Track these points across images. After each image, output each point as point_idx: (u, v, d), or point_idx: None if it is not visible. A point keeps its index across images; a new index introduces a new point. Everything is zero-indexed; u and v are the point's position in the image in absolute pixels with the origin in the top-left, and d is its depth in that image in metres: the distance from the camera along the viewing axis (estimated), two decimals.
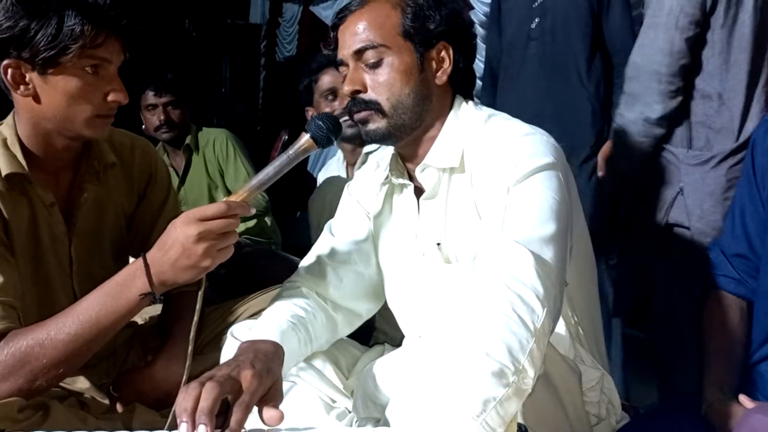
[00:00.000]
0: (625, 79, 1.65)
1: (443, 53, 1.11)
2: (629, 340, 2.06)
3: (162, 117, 2.44)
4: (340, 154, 2.22)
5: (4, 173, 1.10)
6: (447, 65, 1.11)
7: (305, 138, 1.05)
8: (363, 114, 1.09)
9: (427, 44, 1.09)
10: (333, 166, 2.26)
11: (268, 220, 2.60)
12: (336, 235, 1.25)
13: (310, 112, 2.07)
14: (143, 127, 2.55)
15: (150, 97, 2.45)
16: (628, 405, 1.28)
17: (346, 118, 2.02)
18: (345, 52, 1.10)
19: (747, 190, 1.18)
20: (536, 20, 2.11)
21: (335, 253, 1.22)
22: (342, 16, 1.12)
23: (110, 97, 1.12)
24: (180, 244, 0.96)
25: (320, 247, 1.25)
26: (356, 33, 1.08)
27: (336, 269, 1.20)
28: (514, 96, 2.16)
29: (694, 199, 1.59)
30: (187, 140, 2.55)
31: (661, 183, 1.68)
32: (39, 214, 1.15)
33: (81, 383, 1.21)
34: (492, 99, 2.30)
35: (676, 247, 1.64)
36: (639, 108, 1.59)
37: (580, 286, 1.12)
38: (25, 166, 1.11)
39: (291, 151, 1.04)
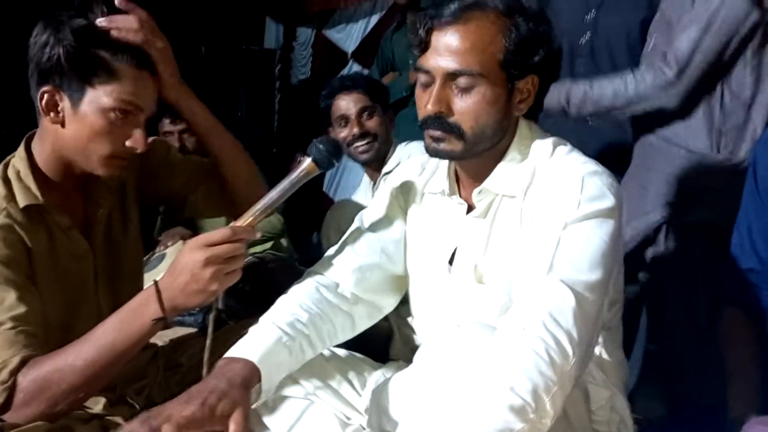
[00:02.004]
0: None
1: (530, 85, 1.07)
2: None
3: (177, 144, 2.49)
4: (365, 179, 2.25)
5: (21, 205, 1.13)
6: (531, 97, 1.08)
7: (307, 162, 1.08)
8: (439, 133, 1.05)
9: (520, 76, 1.04)
10: (360, 191, 2.29)
11: (284, 241, 2.62)
12: (368, 227, 1.23)
13: (332, 134, 2.12)
14: None
15: (166, 124, 2.51)
16: (641, 418, 1.29)
17: (360, 144, 2.02)
18: (436, 66, 1.04)
19: (752, 205, 1.20)
20: (587, 35, 2.01)
21: (364, 246, 1.20)
22: (443, 21, 1.04)
23: (128, 143, 1.14)
24: (189, 270, 1.01)
25: (350, 238, 1.23)
26: (455, 51, 1.02)
27: (362, 263, 1.18)
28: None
29: None
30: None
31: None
32: (57, 238, 1.18)
33: (103, 405, 1.24)
34: None
35: (683, 259, 1.63)
36: (670, 92, 1.60)
37: (610, 340, 1.14)
38: (40, 197, 1.15)
39: (294, 175, 1.07)
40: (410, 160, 1.30)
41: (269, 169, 4.29)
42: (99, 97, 1.10)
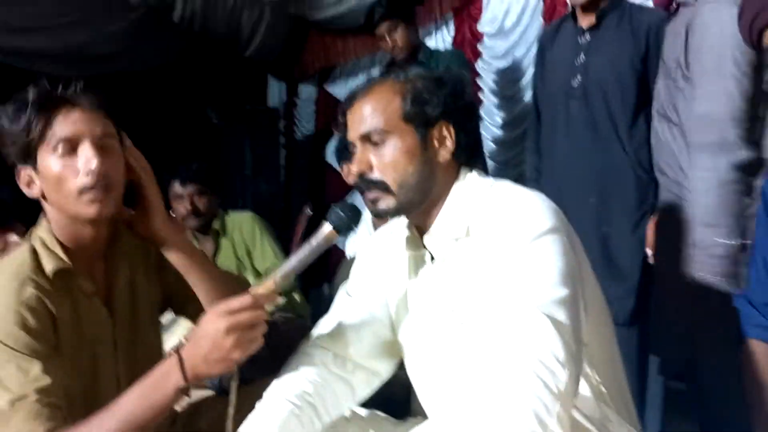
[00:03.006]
0: (689, 132, 1.58)
1: (444, 132, 1.16)
2: (668, 391, 2.02)
3: (188, 206, 2.53)
4: (369, 224, 2.29)
5: (49, 270, 1.16)
6: (449, 143, 1.16)
7: (327, 228, 1.10)
8: (372, 194, 1.15)
9: (427, 125, 1.15)
10: (362, 235, 2.33)
11: (296, 295, 2.63)
12: (353, 295, 1.30)
13: (345, 169, 2.21)
14: (170, 214, 2.63)
15: (177, 187, 2.55)
16: None
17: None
18: (352, 134, 1.18)
19: (766, 240, 1.20)
20: (578, 78, 2.11)
21: (353, 314, 1.26)
22: (350, 102, 1.20)
23: (84, 168, 1.14)
24: (210, 338, 1.02)
25: (338, 308, 1.29)
26: (362, 118, 1.16)
27: (355, 328, 1.24)
28: (556, 151, 2.18)
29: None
30: (215, 225, 2.63)
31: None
32: (81, 305, 1.21)
33: None
34: (537, 142, 2.31)
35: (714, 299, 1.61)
36: (725, 157, 1.52)
37: (599, 345, 1.13)
38: (67, 260, 1.18)
39: (314, 241, 1.09)
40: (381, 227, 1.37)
41: (279, 224, 4.34)
42: (44, 150, 1.14)
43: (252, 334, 1.03)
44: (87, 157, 1.14)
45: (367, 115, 1.15)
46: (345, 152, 2.19)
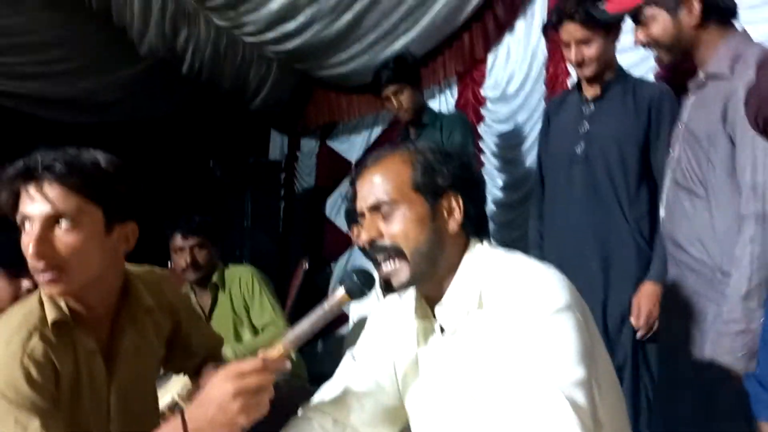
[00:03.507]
0: (742, 202, 1.53)
1: (453, 203, 1.18)
2: None
3: (188, 259, 2.52)
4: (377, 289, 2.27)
5: (50, 320, 1.16)
6: (457, 214, 1.17)
7: (340, 292, 1.10)
8: (385, 272, 1.14)
9: (436, 195, 1.17)
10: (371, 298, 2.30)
11: (293, 355, 2.59)
12: (358, 361, 1.29)
13: (356, 231, 2.22)
14: (170, 266, 2.62)
15: (178, 240, 2.55)
16: None
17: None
18: (362, 204, 1.19)
19: None
20: (581, 145, 2.14)
21: (357, 379, 1.25)
22: (359, 172, 1.22)
23: (24, 248, 1.15)
24: (217, 402, 1.00)
25: (342, 373, 1.28)
26: (371, 188, 1.17)
27: (357, 394, 1.23)
28: (559, 217, 2.20)
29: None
30: (214, 278, 2.61)
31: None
32: (81, 361, 1.20)
33: None
34: (541, 207, 2.33)
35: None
36: None
37: (611, 420, 1.11)
38: (68, 313, 1.18)
39: (326, 305, 1.09)
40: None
41: (276, 276, 4.32)
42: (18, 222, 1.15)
43: (259, 399, 1.01)
44: (25, 241, 1.14)
45: (377, 184, 1.17)
46: (355, 215, 2.20)
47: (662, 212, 1.79)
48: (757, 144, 1.49)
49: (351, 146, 4.83)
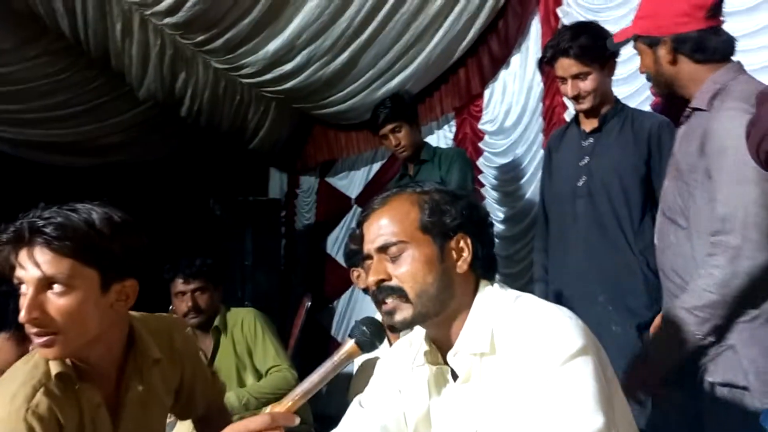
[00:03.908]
0: (704, 233, 1.57)
1: (462, 243, 1.17)
2: None
3: (190, 303, 2.49)
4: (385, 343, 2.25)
5: (54, 374, 1.15)
6: (467, 254, 1.16)
7: (350, 344, 1.08)
8: (389, 304, 1.13)
9: (445, 236, 1.16)
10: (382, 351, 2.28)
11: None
12: (366, 409, 1.26)
13: (356, 273, 2.18)
14: (171, 309, 2.59)
15: (179, 284, 2.52)
16: None
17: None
18: (369, 246, 1.18)
19: None
20: (583, 179, 2.14)
21: (364, 426, 1.23)
22: (366, 213, 1.21)
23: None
24: None
25: (349, 421, 1.25)
26: (379, 229, 1.16)
27: None
28: (564, 251, 2.18)
29: (747, 356, 1.54)
30: (216, 322, 2.58)
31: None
32: (86, 414, 1.18)
33: None
34: (545, 241, 2.31)
35: (730, 409, 1.56)
36: (744, 261, 1.50)
37: None
38: (72, 366, 1.17)
39: (336, 358, 1.07)
40: (400, 339, 1.35)
41: (278, 315, 4.29)
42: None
43: None
44: (21, 304, 1.13)
45: (384, 226, 1.16)
46: (355, 257, 2.18)
47: (656, 243, 1.80)
48: (727, 177, 1.52)
49: (350, 182, 4.85)
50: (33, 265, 1.11)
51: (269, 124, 4.74)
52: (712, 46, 1.65)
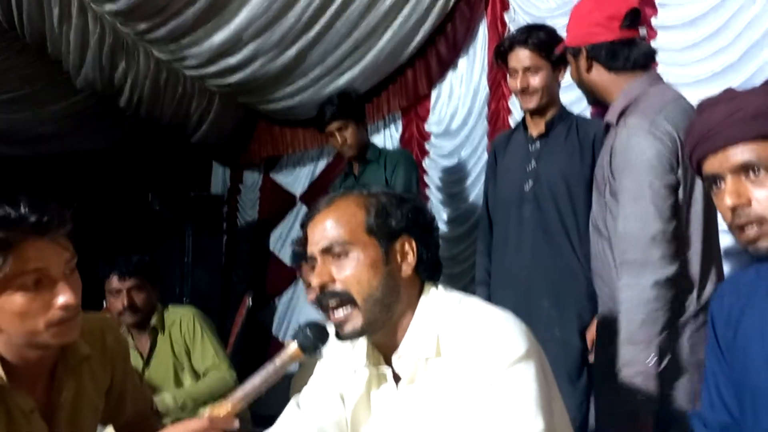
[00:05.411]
0: (614, 248, 1.62)
1: (407, 246, 1.17)
2: None
3: (126, 302, 2.41)
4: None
5: None
6: (411, 257, 1.16)
7: (292, 347, 1.07)
8: (339, 317, 1.12)
9: (390, 238, 1.16)
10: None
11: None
12: (304, 410, 1.25)
13: (304, 268, 2.15)
14: (104, 307, 2.51)
15: (114, 282, 2.44)
16: None
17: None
18: (313, 248, 1.16)
19: (716, 363, 1.21)
20: (530, 183, 2.16)
21: (300, 428, 1.22)
22: (311, 215, 1.19)
23: (59, 303, 1.09)
24: None
25: (286, 421, 1.24)
26: (324, 231, 1.15)
27: None
28: (509, 255, 2.19)
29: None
30: (153, 321, 2.51)
31: None
32: (17, 423, 1.12)
33: None
34: (488, 244, 2.33)
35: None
36: (649, 275, 1.54)
37: None
38: (3, 377, 1.10)
39: (278, 361, 1.05)
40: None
41: (218, 314, 4.21)
42: (4, 280, 1.05)
43: None
44: (65, 294, 1.09)
45: (330, 228, 1.15)
46: (301, 259, 2.15)
47: (590, 250, 1.86)
48: (625, 194, 1.59)
49: (295, 179, 4.79)
50: (58, 256, 1.10)
51: (212, 118, 4.63)
52: (625, 55, 1.71)
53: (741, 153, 1.05)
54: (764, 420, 1.09)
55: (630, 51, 1.71)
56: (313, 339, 1.08)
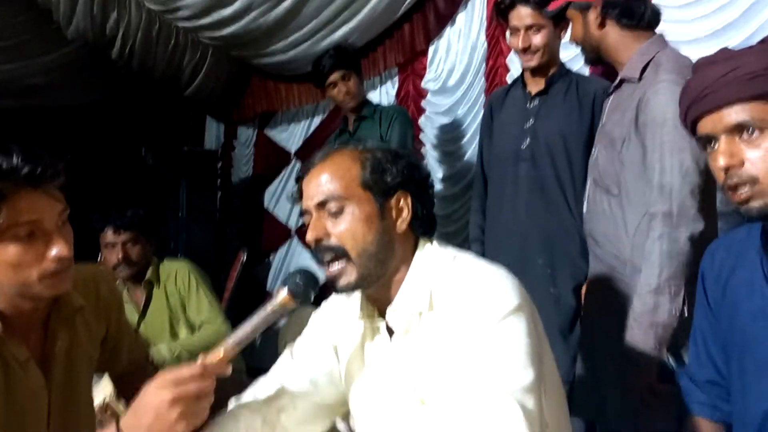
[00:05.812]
0: (651, 201, 1.60)
1: (402, 202, 1.17)
2: None
3: (120, 255, 2.43)
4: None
5: None
6: (406, 213, 1.17)
7: (283, 294, 1.07)
8: (334, 271, 1.12)
9: (385, 194, 1.15)
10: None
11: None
12: (297, 360, 1.26)
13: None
14: (100, 260, 2.52)
15: (109, 235, 2.44)
16: None
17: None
18: (308, 202, 1.16)
19: (705, 320, 1.23)
20: (527, 141, 2.15)
21: (293, 379, 1.23)
22: (306, 169, 1.19)
23: (52, 255, 1.10)
24: (153, 410, 0.96)
25: (279, 370, 1.26)
26: (319, 185, 1.14)
27: (292, 395, 1.21)
28: (504, 213, 2.19)
29: None
30: (148, 274, 2.52)
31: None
32: (13, 372, 1.13)
33: None
34: (482, 202, 2.32)
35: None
36: (684, 228, 1.54)
37: (555, 419, 1.14)
38: None
39: (269, 308, 1.06)
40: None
41: (213, 268, 4.22)
42: None
43: (198, 406, 0.98)
44: (58, 245, 1.09)
45: (325, 182, 1.14)
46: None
47: (584, 209, 1.85)
48: (665, 147, 1.58)
49: (290, 135, 4.76)
50: (52, 208, 1.10)
51: (206, 72, 4.57)
52: (639, 13, 1.70)
53: (735, 113, 1.05)
54: (750, 376, 1.12)
55: (643, 8, 1.70)
56: (304, 286, 1.08)
